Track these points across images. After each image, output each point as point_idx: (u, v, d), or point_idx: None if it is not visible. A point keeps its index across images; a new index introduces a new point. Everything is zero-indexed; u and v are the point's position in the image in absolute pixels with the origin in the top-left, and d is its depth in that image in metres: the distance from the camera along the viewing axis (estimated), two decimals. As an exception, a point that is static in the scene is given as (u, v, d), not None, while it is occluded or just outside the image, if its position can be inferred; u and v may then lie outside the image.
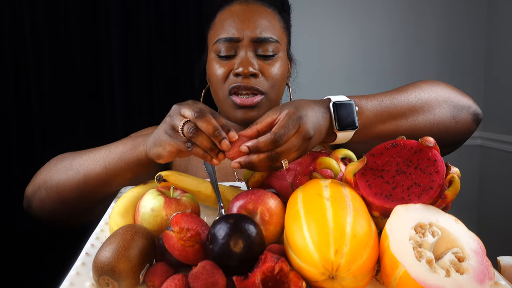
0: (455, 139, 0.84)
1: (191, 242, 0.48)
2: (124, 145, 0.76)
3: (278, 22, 0.93)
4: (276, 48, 0.90)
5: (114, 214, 0.61)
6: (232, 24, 0.89)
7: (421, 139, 0.53)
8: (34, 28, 1.14)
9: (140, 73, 1.22)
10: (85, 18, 1.18)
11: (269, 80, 0.89)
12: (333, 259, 0.42)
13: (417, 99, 0.79)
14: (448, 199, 0.50)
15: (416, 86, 0.82)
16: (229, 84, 0.89)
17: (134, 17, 1.20)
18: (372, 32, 1.82)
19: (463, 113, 0.82)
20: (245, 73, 0.86)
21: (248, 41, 0.88)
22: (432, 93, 0.81)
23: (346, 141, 0.71)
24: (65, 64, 1.18)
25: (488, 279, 0.42)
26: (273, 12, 0.93)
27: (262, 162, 0.58)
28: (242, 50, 0.88)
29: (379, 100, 0.76)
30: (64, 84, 1.19)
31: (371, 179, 0.52)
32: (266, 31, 0.89)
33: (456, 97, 0.82)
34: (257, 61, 0.89)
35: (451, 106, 0.81)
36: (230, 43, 0.89)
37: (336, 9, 1.80)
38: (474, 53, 1.89)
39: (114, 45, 1.19)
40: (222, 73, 0.89)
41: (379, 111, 0.74)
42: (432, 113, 0.79)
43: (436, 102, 0.80)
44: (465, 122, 0.82)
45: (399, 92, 0.80)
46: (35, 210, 0.85)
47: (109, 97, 1.21)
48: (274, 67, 0.90)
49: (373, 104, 0.75)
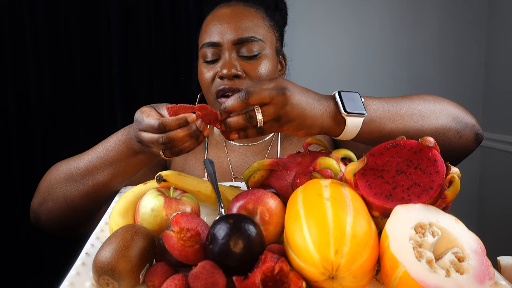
0: (456, 154, 0.83)
1: (191, 242, 0.48)
2: (115, 139, 0.78)
3: (263, 20, 0.94)
4: (260, 47, 0.90)
5: (114, 214, 0.61)
6: (214, 29, 0.91)
7: (421, 139, 0.53)
8: (34, 28, 1.14)
9: (140, 73, 1.22)
10: (85, 18, 1.18)
11: (254, 79, 0.90)
12: (333, 259, 0.42)
13: (422, 106, 0.79)
14: (448, 199, 0.50)
15: (421, 96, 0.82)
16: (215, 87, 0.90)
17: (134, 17, 1.20)
18: (373, 33, 1.82)
19: (467, 130, 0.82)
20: (228, 75, 0.87)
21: (229, 44, 0.89)
22: (437, 105, 0.81)
23: (356, 133, 0.69)
24: (65, 64, 1.18)
25: (488, 279, 0.42)
26: (256, 12, 0.94)
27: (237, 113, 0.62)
28: (225, 53, 0.90)
29: (385, 100, 0.77)
30: (64, 84, 1.19)
31: (371, 179, 0.52)
32: (248, 31, 0.90)
33: (461, 114, 0.83)
34: (240, 62, 0.89)
35: (456, 121, 0.81)
36: (212, 48, 0.90)
37: (337, 9, 1.79)
38: (475, 52, 1.89)
39: (114, 45, 1.19)
40: (209, 77, 0.91)
41: (385, 109, 0.74)
42: (438, 122, 0.79)
43: (442, 114, 0.80)
44: (468, 139, 0.82)
45: (404, 98, 0.80)
46: (43, 222, 0.86)
47: (109, 97, 1.21)
48: (259, 66, 0.90)
49: (378, 102, 0.75)
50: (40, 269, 1.18)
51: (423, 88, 1.83)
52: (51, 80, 1.17)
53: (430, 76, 1.86)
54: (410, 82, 1.84)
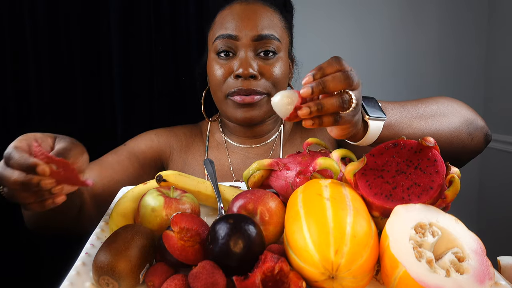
0: (467, 155, 0.85)
1: (191, 242, 0.48)
2: None
3: (280, 21, 0.92)
4: (277, 47, 0.89)
5: (114, 214, 0.61)
6: (232, 22, 0.88)
7: (421, 139, 0.53)
8: (34, 28, 1.14)
9: (140, 73, 1.22)
10: (85, 18, 1.18)
11: (269, 80, 0.88)
12: (333, 259, 0.42)
13: (437, 110, 0.80)
14: (448, 199, 0.50)
15: (434, 99, 0.83)
16: (228, 87, 0.87)
17: (134, 17, 1.20)
18: (374, 35, 1.82)
19: (478, 132, 0.83)
20: (245, 74, 0.85)
21: (248, 40, 0.86)
22: (450, 107, 0.82)
23: (375, 138, 0.68)
24: (65, 64, 1.18)
25: (488, 279, 0.42)
26: (274, 12, 0.92)
27: (337, 82, 0.54)
28: (241, 50, 0.87)
29: (400, 104, 0.77)
30: (64, 84, 1.18)
31: (371, 179, 0.52)
32: (267, 29, 0.88)
33: (473, 116, 0.84)
34: (257, 61, 0.87)
35: (468, 123, 0.82)
36: (228, 40, 0.87)
37: (338, 11, 1.79)
38: (475, 53, 1.89)
39: (114, 45, 1.19)
40: (221, 74, 0.88)
41: (403, 114, 0.75)
42: (453, 125, 0.80)
43: (455, 117, 0.81)
44: (479, 141, 0.84)
45: (419, 102, 0.81)
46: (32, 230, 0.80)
47: (109, 97, 1.21)
48: (275, 67, 0.88)
49: (394, 106, 0.76)
50: (40, 269, 1.18)
51: (423, 88, 1.83)
52: (51, 80, 1.17)
53: (430, 77, 1.86)
54: (410, 82, 1.84)
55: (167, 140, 1.00)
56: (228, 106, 0.90)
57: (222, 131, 1.01)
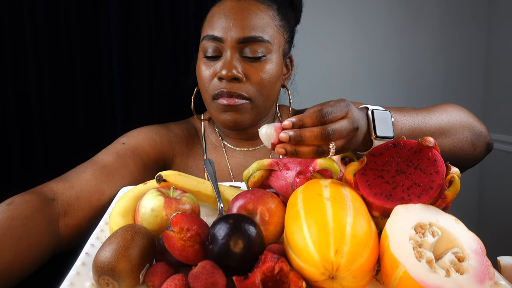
0: (468, 164, 0.87)
1: (191, 242, 0.48)
2: None
3: (273, 19, 0.88)
4: (266, 49, 0.84)
5: (114, 214, 0.61)
6: (218, 22, 0.85)
7: (421, 139, 0.53)
8: (34, 28, 1.14)
9: (140, 73, 1.22)
10: (85, 18, 1.18)
11: (254, 85, 0.84)
12: (333, 259, 0.42)
13: (445, 122, 0.81)
14: (448, 199, 0.50)
15: (443, 109, 0.85)
16: (213, 89, 0.85)
17: (134, 17, 1.20)
18: (375, 35, 1.82)
19: (481, 140, 0.85)
20: (228, 77, 0.82)
21: (233, 42, 0.83)
22: (458, 117, 0.83)
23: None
24: (65, 64, 1.18)
25: (488, 279, 0.42)
26: (267, 8, 0.88)
27: (312, 138, 0.52)
28: (226, 51, 0.84)
29: (411, 116, 0.78)
30: (64, 84, 1.18)
31: (371, 179, 0.52)
32: (255, 30, 0.84)
33: (476, 124, 0.85)
34: (242, 63, 0.84)
35: (472, 133, 0.84)
36: (214, 42, 0.85)
37: (339, 11, 1.79)
38: (475, 52, 1.89)
39: (114, 45, 1.19)
40: (207, 76, 0.86)
41: (411, 127, 0.77)
42: (456, 137, 0.82)
43: (461, 127, 0.83)
44: (481, 149, 0.86)
45: (429, 112, 0.82)
46: None
47: (109, 97, 1.21)
48: (262, 71, 0.84)
49: (406, 119, 0.77)
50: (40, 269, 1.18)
51: (423, 89, 1.83)
52: (51, 80, 1.17)
53: (431, 77, 1.86)
54: (411, 82, 1.84)
55: (169, 141, 0.97)
56: (214, 109, 0.87)
57: (218, 133, 1.00)
